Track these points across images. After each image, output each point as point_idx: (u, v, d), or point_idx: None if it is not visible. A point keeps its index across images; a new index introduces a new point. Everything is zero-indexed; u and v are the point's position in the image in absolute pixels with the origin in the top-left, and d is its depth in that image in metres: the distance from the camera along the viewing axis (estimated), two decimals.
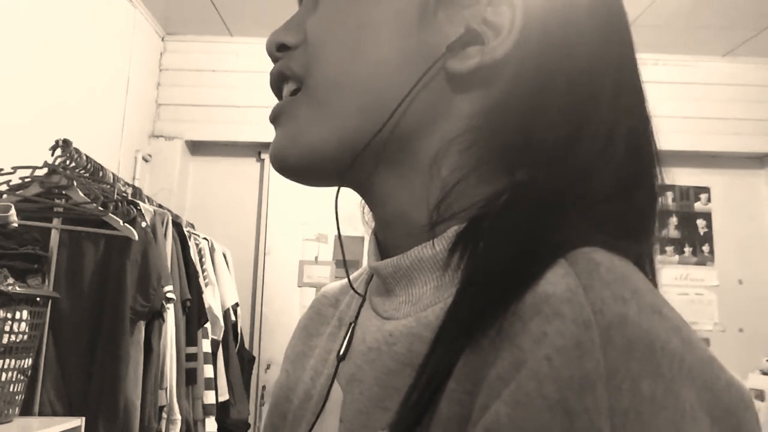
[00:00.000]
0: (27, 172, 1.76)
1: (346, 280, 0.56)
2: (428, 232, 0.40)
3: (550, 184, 0.37)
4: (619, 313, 0.28)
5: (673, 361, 0.28)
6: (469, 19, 0.40)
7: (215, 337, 2.36)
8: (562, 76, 0.38)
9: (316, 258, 2.86)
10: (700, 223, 3.33)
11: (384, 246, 0.46)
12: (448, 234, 0.39)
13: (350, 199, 0.52)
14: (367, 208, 0.50)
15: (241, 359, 2.65)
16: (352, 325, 0.47)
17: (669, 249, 3.28)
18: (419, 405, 0.33)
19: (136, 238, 1.73)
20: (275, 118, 0.44)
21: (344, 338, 0.47)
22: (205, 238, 2.53)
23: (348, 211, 0.50)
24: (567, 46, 0.39)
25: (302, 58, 0.43)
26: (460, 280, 0.37)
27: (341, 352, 0.46)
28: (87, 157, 1.92)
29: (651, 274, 0.39)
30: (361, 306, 0.48)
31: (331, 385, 0.45)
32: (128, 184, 2.26)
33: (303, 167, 0.43)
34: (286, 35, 0.44)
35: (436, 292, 0.39)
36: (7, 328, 1.41)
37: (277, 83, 0.45)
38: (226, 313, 2.51)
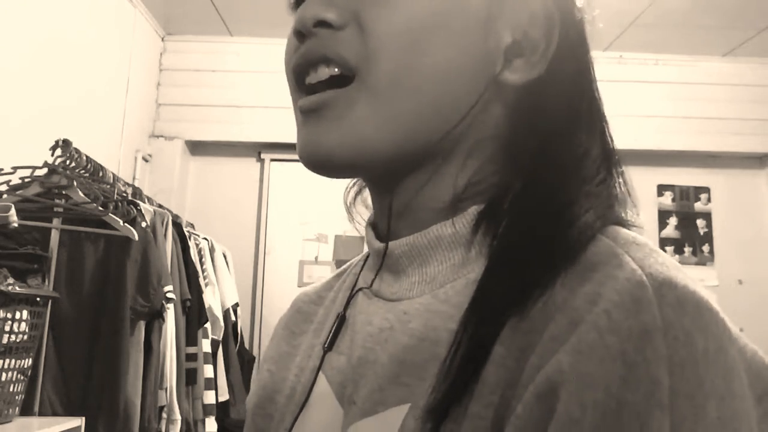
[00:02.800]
0: (27, 172, 1.76)
1: (324, 280, 0.56)
2: (451, 207, 0.41)
3: (558, 175, 0.40)
4: (667, 276, 0.31)
5: (718, 321, 0.30)
6: (515, 30, 0.41)
7: (215, 337, 2.36)
8: (580, 92, 0.42)
9: (316, 258, 2.86)
10: (700, 223, 3.32)
11: (383, 235, 0.45)
12: (468, 213, 0.40)
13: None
14: (354, 200, 0.50)
15: (241, 359, 2.65)
16: (340, 315, 0.47)
17: (669, 249, 3.28)
18: (467, 368, 0.34)
19: (136, 238, 1.73)
20: (317, 109, 0.40)
21: (331, 329, 0.46)
22: (205, 238, 2.53)
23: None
24: (579, 64, 0.42)
25: (356, 46, 0.39)
26: (492, 253, 0.38)
27: (326, 343, 0.46)
28: (87, 157, 1.92)
29: None
30: (350, 297, 0.48)
31: (315, 377, 0.45)
32: (128, 184, 2.26)
33: (352, 167, 0.41)
34: (328, 11, 0.40)
35: (454, 269, 0.40)
36: (7, 328, 1.41)
37: (311, 63, 0.41)
38: (226, 313, 2.50)
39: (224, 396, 2.38)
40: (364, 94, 0.39)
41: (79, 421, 1.60)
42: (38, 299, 1.53)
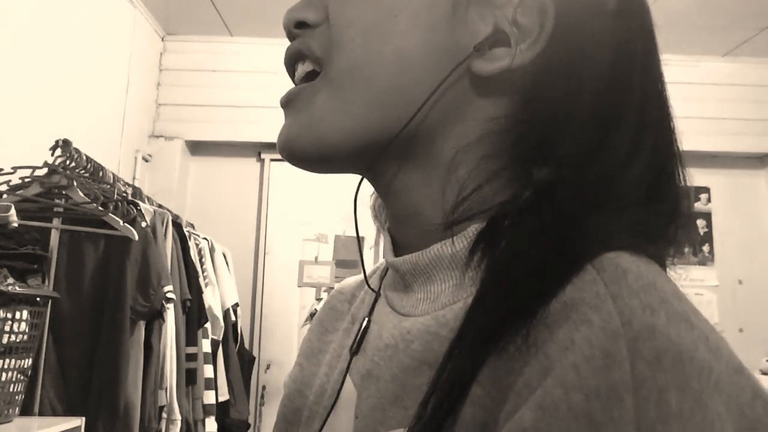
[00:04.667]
0: (27, 172, 1.76)
1: (361, 276, 0.55)
2: (444, 230, 0.39)
3: (573, 188, 0.36)
4: (647, 324, 0.28)
5: (702, 372, 0.27)
6: (499, 19, 0.38)
7: (215, 337, 2.36)
8: (589, 84, 0.37)
9: (316, 258, 2.86)
10: (700, 223, 3.33)
11: (398, 242, 0.45)
12: (468, 233, 0.38)
13: (351, 199, 0.52)
14: (378, 204, 0.49)
15: (241, 359, 2.65)
16: (365, 319, 0.47)
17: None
18: (443, 408, 0.32)
19: (136, 238, 1.73)
20: (287, 103, 0.42)
21: (357, 333, 0.46)
22: (205, 238, 2.53)
23: (348, 210, 0.50)
24: (595, 54, 0.38)
25: (324, 39, 0.40)
26: (480, 282, 0.36)
27: (353, 347, 0.46)
28: (87, 157, 1.92)
29: None
30: (375, 301, 0.48)
31: (343, 380, 0.45)
32: (128, 184, 2.26)
33: (315, 157, 0.41)
34: (306, 11, 0.42)
35: (455, 290, 0.39)
36: (7, 328, 1.41)
37: (292, 61, 0.43)
38: (226, 313, 2.51)
39: (224, 396, 2.38)
40: (326, 85, 0.40)
41: (79, 421, 1.60)
42: (38, 299, 1.53)
